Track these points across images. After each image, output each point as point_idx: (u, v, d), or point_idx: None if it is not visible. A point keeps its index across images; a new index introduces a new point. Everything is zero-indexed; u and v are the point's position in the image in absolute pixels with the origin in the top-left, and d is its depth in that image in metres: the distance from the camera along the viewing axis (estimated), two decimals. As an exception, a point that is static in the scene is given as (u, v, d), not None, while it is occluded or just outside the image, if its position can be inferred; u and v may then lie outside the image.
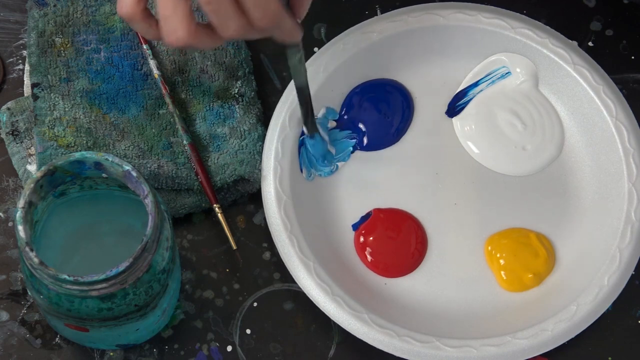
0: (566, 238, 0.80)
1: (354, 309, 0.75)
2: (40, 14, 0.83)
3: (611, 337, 0.79)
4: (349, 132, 0.83)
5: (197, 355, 0.77)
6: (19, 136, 0.81)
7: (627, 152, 0.80)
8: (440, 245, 0.80)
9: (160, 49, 0.83)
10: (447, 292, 0.79)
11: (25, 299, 0.78)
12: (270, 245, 0.80)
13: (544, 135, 0.83)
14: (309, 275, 0.76)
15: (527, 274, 0.79)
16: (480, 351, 0.75)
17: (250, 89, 0.82)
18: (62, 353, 0.76)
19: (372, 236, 0.80)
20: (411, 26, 0.83)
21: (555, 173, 0.82)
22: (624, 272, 0.77)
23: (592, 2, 0.89)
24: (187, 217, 0.80)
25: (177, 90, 0.82)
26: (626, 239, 0.78)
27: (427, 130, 0.83)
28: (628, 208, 0.79)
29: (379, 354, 0.76)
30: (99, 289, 0.65)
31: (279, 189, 0.78)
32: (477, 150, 0.83)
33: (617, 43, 0.87)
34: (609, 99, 0.81)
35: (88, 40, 0.82)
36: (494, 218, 0.81)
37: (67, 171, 0.68)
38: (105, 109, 0.80)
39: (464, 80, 0.85)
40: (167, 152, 0.80)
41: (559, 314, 0.76)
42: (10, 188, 0.81)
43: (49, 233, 0.71)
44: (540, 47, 0.83)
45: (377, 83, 0.84)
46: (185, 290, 0.78)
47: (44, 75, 0.81)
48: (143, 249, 0.65)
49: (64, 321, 0.70)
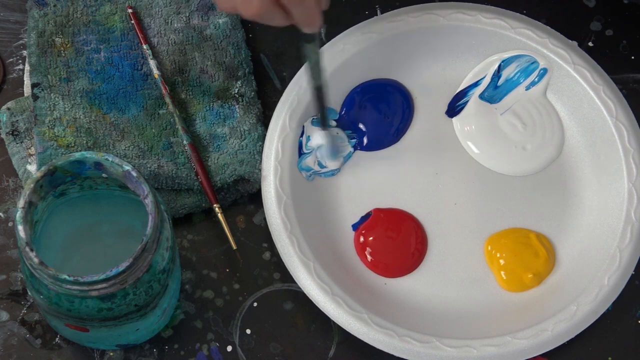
0: (566, 238, 0.80)
1: (354, 309, 0.75)
2: (40, 14, 0.83)
3: (611, 337, 0.79)
4: (349, 132, 0.83)
5: (197, 355, 0.77)
6: (19, 136, 0.81)
7: (627, 152, 0.80)
8: (440, 245, 0.80)
9: (160, 49, 0.83)
10: (447, 292, 0.79)
11: (25, 299, 0.78)
12: (270, 245, 0.80)
13: (544, 135, 0.83)
14: (309, 275, 0.76)
15: (527, 274, 0.79)
16: (480, 351, 0.75)
17: (250, 89, 0.82)
18: (62, 353, 0.76)
19: (372, 236, 0.80)
20: (411, 26, 0.83)
21: (555, 173, 0.82)
22: (624, 272, 0.77)
23: (592, 2, 0.89)
24: (187, 217, 0.80)
25: (177, 90, 0.82)
26: (626, 239, 0.78)
27: (427, 130, 0.83)
28: (628, 208, 0.79)
29: (379, 354, 0.76)
30: (99, 289, 0.65)
31: (279, 189, 0.79)
32: (477, 150, 0.83)
33: (617, 43, 0.87)
34: (609, 99, 0.81)
35: (88, 40, 0.82)
36: (494, 218, 0.81)
37: (67, 171, 0.68)
38: (105, 109, 0.80)
39: (464, 80, 0.85)
40: (167, 152, 0.80)
41: (559, 314, 0.76)
42: (10, 188, 0.81)
43: (49, 233, 0.71)
44: (540, 47, 0.83)
45: (377, 83, 0.84)
46: (185, 290, 0.78)
47: (44, 75, 0.81)
48: (143, 249, 0.65)
49: (64, 321, 0.70)
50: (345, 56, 0.82)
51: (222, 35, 0.83)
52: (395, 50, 0.84)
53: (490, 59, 0.84)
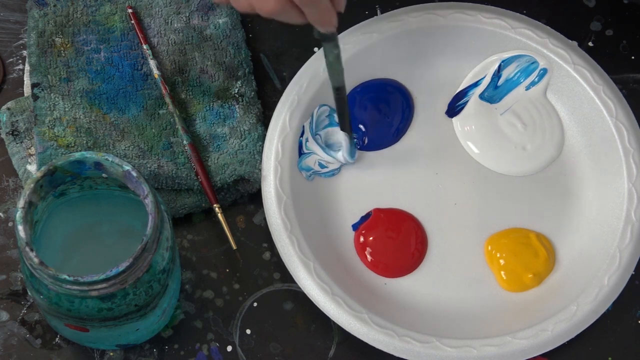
0: (566, 238, 0.80)
1: (354, 309, 0.75)
2: (40, 14, 0.83)
3: (611, 337, 0.79)
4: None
5: (197, 355, 0.77)
6: (19, 136, 0.81)
7: (627, 152, 0.80)
8: (440, 245, 0.80)
9: (160, 49, 0.83)
10: (447, 292, 0.79)
11: (25, 299, 0.78)
12: (270, 245, 0.80)
13: (544, 136, 0.83)
14: (309, 275, 0.76)
15: (527, 274, 0.79)
16: (480, 351, 0.75)
17: (250, 89, 0.82)
18: (62, 353, 0.76)
19: (372, 236, 0.80)
20: (411, 26, 0.83)
21: (555, 173, 0.82)
22: (624, 272, 0.77)
23: (592, 2, 0.89)
24: (187, 217, 0.80)
25: (177, 90, 0.82)
26: (626, 239, 0.78)
27: (427, 130, 0.83)
28: (628, 208, 0.79)
29: (379, 354, 0.76)
30: (99, 289, 0.65)
31: (279, 189, 0.79)
32: (477, 150, 0.83)
33: (617, 43, 0.87)
34: (609, 99, 0.81)
35: (88, 40, 0.82)
36: (494, 218, 0.81)
37: (67, 171, 0.68)
38: (105, 109, 0.80)
39: (464, 80, 0.85)
40: (167, 152, 0.80)
41: (559, 314, 0.76)
42: (10, 188, 0.81)
43: (49, 233, 0.71)
44: (540, 47, 0.83)
45: (377, 83, 0.84)
46: (185, 290, 0.78)
47: (44, 75, 0.81)
48: (143, 249, 0.65)
49: (64, 321, 0.70)
50: (345, 56, 0.82)
51: (222, 35, 0.83)
52: (395, 50, 0.84)
53: (490, 59, 0.84)
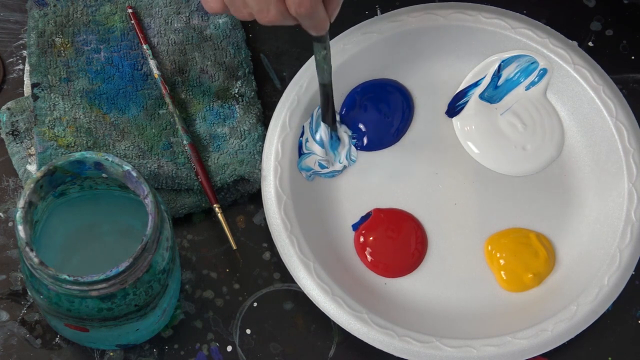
0: (566, 238, 0.80)
1: (354, 309, 0.75)
2: (40, 14, 0.83)
3: (611, 337, 0.79)
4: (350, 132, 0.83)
5: (197, 355, 0.77)
6: (19, 136, 0.81)
7: (627, 152, 0.80)
8: (440, 245, 0.80)
9: (160, 49, 0.83)
10: (447, 292, 0.79)
11: (25, 299, 0.78)
12: (270, 245, 0.80)
13: (544, 136, 0.83)
14: (309, 275, 0.76)
15: (527, 274, 0.79)
16: (480, 351, 0.75)
17: (250, 89, 0.82)
18: (62, 353, 0.76)
19: (372, 236, 0.80)
20: (411, 26, 0.83)
21: (555, 173, 0.82)
22: (624, 272, 0.77)
23: (592, 2, 0.89)
24: (187, 217, 0.80)
25: (177, 90, 0.82)
26: (626, 239, 0.78)
27: (427, 130, 0.83)
28: (628, 208, 0.79)
29: (379, 354, 0.76)
30: (99, 289, 0.65)
31: (279, 189, 0.79)
32: (477, 150, 0.83)
33: (617, 43, 0.87)
34: (609, 99, 0.81)
35: (88, 40, 0.82)
36: (494, 218, 0.81)
37: (67, 171, 0.68)
38: (105, 109, 0.80)
39: (464, 80, 0.85)
40: (167, 152, 0.80)
41: (559, 314, 0.76)
42: (10, 188, 0.81)
43: (49, 233, 0.71)
44: (540, 47, 0.83)
45: (377, 83, 0.84)
46: (185, 290, 0.78)
47: (44, 75, 0.81)
48: (143, 249, 0.65)
49: (64, 321, 0.70)
50: (345, 56, 0.82)
51: (222, 35, 0.83)
52: (395, 50, 0.84)
53: (490, 59, 0.84)
